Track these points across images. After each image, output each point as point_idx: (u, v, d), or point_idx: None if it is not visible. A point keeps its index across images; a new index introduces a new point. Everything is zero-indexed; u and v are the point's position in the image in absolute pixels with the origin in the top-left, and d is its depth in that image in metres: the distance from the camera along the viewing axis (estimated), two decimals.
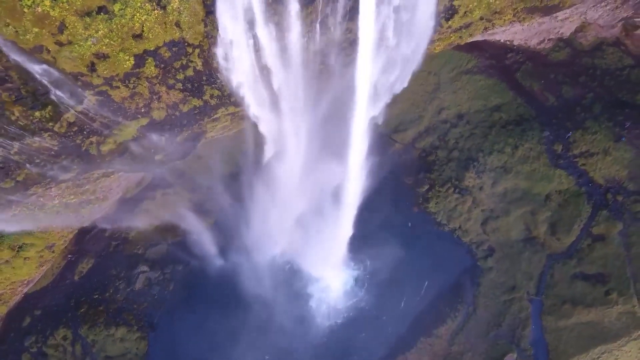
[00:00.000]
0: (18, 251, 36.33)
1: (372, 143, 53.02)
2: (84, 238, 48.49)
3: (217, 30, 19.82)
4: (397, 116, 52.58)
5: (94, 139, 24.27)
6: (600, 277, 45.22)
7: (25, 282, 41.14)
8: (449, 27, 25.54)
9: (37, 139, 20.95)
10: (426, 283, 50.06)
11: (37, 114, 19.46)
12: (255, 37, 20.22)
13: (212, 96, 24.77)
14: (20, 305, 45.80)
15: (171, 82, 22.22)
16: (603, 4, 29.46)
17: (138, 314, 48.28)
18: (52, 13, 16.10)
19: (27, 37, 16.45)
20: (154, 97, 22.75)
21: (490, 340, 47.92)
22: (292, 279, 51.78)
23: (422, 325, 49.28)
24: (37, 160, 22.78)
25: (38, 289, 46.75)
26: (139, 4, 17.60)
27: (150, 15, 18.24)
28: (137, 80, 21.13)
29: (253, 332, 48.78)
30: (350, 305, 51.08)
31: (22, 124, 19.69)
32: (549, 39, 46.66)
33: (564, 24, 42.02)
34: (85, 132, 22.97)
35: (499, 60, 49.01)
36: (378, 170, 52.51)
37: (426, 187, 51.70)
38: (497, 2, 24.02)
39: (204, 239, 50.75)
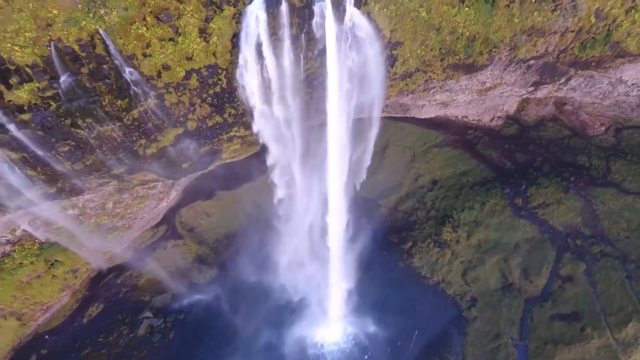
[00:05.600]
0: (50, 267, 44.13)
1: (361, 208, 63.42)
2: (98, 284, 55.63)
3: (238, 58, 32.65)
4: (381, 183, 64.16)
5: (143, 141, 35.59)
6: (575, 315, 50.78)
7: (45, 307, 47.63)
8: (395, 73, 38.58)
9: (111, 125, 32.22)
10: (416, 332, 54.78)
11: (118, 102, 31.25)
12: (262, 64, 32.96)
13: (229, 114, 36.79)
14: (30, 343, 50.90)
15: (204, 95, 34.46)
16: (511, 68, 43.08)
17: None
18: (145, 34, 29.18)
19: (129, 47, 29.23)
20: (191, 107, 34.71)
21: None
22: (287, 332, 56.73)
23: None
24: (104, 148, 33.63)
25: (48, 330, 52.28)
26: (193, 38, 30.83)
27: (199, 45, 31.45)
28: (183, 90, 33.40)
29: None
30: (342, 357, 54.99)
31: (107, 110, 31.30)
32: (498, 117, 60.78)
33: (502, 100, 56.40)
34: (140, 131, 34.33)
35: (462, 136, 62.43)
36: (367, 230, 62.12)
37: (410, 243, 60.23)
38: (424, 54, 37.33)
39: (206, 290, 57.56)
